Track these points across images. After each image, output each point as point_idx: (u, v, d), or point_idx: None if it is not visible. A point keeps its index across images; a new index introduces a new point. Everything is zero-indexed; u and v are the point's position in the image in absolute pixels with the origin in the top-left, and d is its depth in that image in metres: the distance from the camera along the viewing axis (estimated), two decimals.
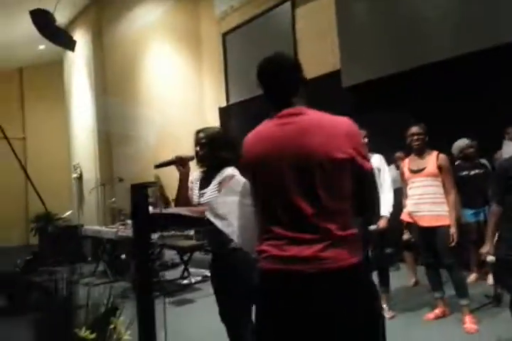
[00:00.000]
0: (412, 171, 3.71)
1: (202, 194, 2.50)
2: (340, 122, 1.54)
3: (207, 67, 9.37)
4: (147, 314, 1.97)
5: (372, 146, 3.58)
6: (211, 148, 2.49)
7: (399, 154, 5.11)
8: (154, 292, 2.00)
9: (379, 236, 3.73)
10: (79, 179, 10.84)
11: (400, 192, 3.89)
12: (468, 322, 3.49)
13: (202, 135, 2.53)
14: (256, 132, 1.64)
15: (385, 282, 3.93)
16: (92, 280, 5.87)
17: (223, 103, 8.95)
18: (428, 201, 3.62)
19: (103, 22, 10.21)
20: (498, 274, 3.21)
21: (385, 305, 3.84)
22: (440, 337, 3.41)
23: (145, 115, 9.09)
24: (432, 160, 3.64)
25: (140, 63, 9.79)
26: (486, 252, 2.73)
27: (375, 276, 3.75)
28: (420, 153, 3.70)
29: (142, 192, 2.06)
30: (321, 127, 1.51)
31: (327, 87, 6.25)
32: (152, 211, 2.34)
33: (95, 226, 7.78)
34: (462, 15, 5.30)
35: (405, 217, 3.80)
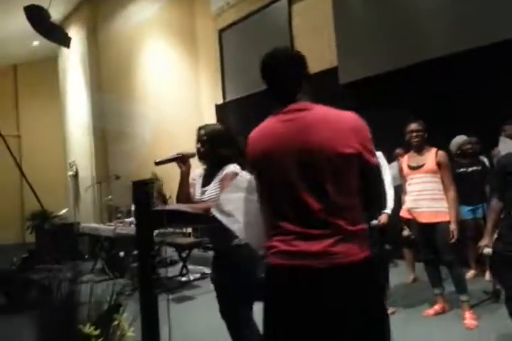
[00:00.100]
0: (411, 167, 3.72)
1: (204, 191, 2.50)
2: (346, 117, 1.53)
3: (203, 64, 9.32)
4: (150, 310, 1.97)
5: None
6: (212, 145, 2.48)
7: (398, 151, 5.11)
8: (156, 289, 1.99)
9: (379, 232, 3.73)
10: (75, 177, 10.80)
11: (401, 189, 3.89)
12: (468, 318, 3.50)
13: (203, 132, 2.52)
14: (260, 128, 1.63)
15: (385, 278, 3.93)
16: (91, 277, 5.85)
17: (220, 100, 8.91)
18: (427, 197, 3.62)
19: (98, 18, 10.14)
20: (495, 268, 3.22)
21: (385, 302, 3.85)
22: (440, 333, 3.42)
23: (141, 112, 9.03)
24: (431, 156, 3.65)
25: (135, 60, 9.71)
26: (484, 245, 2.74)
27: None
28: (419, 150, 3.71)
29: (143, 189, 2.05)
30: (327, 122, 1.50)
31: (324, 84, 6.20)
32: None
33: (92, 223, 7.74)
34: (461, 11, 5.30)
35: (404, 214, 3.81)
